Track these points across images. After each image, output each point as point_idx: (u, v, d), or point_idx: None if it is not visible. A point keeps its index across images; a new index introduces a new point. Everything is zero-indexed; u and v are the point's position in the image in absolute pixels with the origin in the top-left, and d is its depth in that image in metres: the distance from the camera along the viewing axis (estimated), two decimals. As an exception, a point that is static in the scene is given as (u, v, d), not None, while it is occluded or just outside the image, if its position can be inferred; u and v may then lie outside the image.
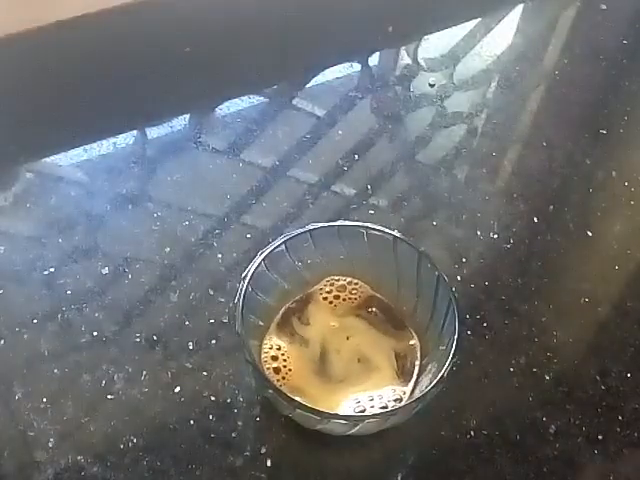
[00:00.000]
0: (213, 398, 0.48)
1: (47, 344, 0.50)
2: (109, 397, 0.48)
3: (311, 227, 0.49)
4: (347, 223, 0.50)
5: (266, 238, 0.55)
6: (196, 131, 0.65)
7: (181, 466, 0.46)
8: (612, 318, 0.56)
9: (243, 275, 0.46)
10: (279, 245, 0.47)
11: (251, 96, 0.68)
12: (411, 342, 0.49)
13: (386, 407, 0.45)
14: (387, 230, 0.49)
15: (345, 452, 0.47)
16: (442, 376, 0.42)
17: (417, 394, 0.45)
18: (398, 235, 0.48)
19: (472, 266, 0.57)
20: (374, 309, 0.50)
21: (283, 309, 0.50)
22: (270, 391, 0.42)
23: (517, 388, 0.51)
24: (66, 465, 0.45)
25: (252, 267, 0.46)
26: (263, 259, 0.47)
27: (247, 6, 0.73)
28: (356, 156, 0.63)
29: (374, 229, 0.49)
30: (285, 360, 0.47)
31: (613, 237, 0.61)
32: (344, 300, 0.50)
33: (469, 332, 0.52)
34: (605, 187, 0.64)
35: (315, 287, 0.51)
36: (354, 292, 0.50)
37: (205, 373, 0.50)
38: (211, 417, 0.48)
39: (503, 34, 0.77)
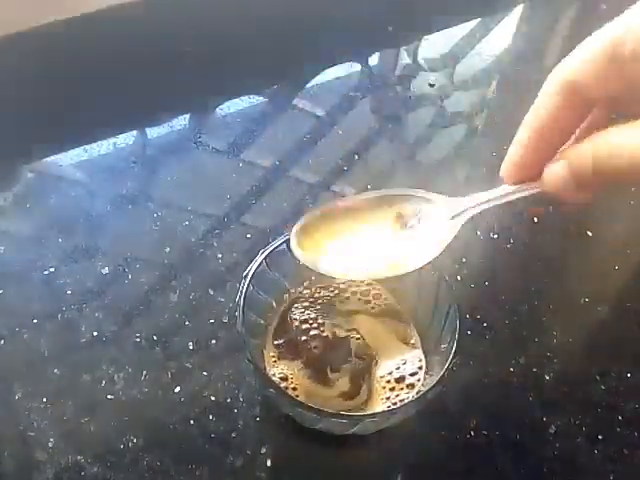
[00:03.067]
0: (213, 398, 0.48)
1: (47, 344, 0.50)
2: (109, 397, 0.48)
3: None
4: None
5: (266, 238, 0.55)
6: (196, 131, 0.65)
7: (181, 466, 0.46)
8: (612, 318, 0.56)
9: (244, 274, 0.46)
10: (281, 244, 0.47)
11: (251, 96, 0.68)
12: (412, 341, 0.49)
13: (416, 373, 0.47)
14: None
15: (345, 452, 0.47)
16: (442, 376, 0.42)
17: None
18: None
19: (472, 266, 0.57)
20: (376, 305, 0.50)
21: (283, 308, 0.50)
22: (271, 390, 0.42)
23: (517, 388, 0.51)
24: (66, 465, 0.45)
25: (253, 266, 0.46)
26: (264, 258, 0.47)
27: (247, 6, 0.73)
28: (356, 156, 0.63)
29: None
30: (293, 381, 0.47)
31: (613, 237, 0.61)
32: (347, 298, 0.50)
33: (469, 332, 0.52)
34: (605, 187, 0.64)
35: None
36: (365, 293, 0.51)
37: (205, 373, 0.50)
38: (211, 417, 0.48)
39: (503, 34, 0.77)
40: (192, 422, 0.47)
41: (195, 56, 0.69)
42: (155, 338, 0.51)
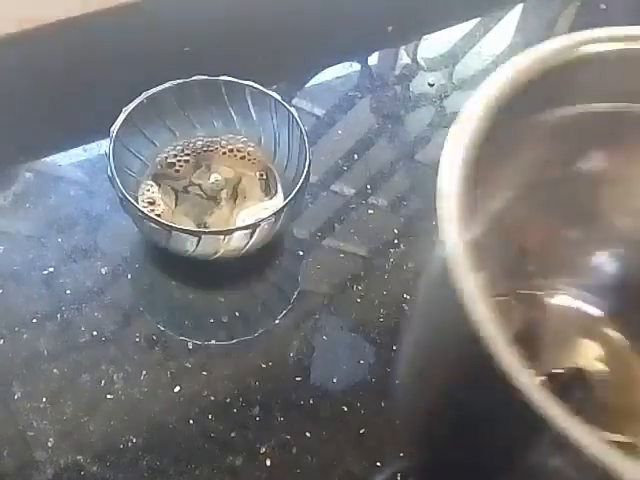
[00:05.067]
0: (213, 398, 0.48)
1: (47, 344, 0.50)
2: (109, 397, 0.48)
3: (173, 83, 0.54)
4: (226, 79, 0.55)
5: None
6: (196, 131, 0.64)
7: (181, 466, 0.46)
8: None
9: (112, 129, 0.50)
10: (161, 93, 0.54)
11: (251, 96, 0.68)
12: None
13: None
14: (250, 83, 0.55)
15: (345, 452, 0.47)
16: (298, 191, 0.48)
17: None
18: (253, 85, 0.55)
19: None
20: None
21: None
22: (125, 202, 0.46)
23: (517, 388, 0.50)
24: (66, 465, 0.45)
25: (118, 122, 0.50)
26: (129, 114, 0.51)
27: (247, 6, 0.73)
28: (356, 156, 0.63)
29: (254, 87, 0.55)
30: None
31: (613, 237, 0.60)
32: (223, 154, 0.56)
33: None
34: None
35: None
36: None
37: (205, 373, 0.50)
38: (211, 417, 0.48)
39: (503, 34, 0.77)
40: (192, 422, 0.47)
41: (195, 56, 0.69)
42: (155, 338, 0.51)
